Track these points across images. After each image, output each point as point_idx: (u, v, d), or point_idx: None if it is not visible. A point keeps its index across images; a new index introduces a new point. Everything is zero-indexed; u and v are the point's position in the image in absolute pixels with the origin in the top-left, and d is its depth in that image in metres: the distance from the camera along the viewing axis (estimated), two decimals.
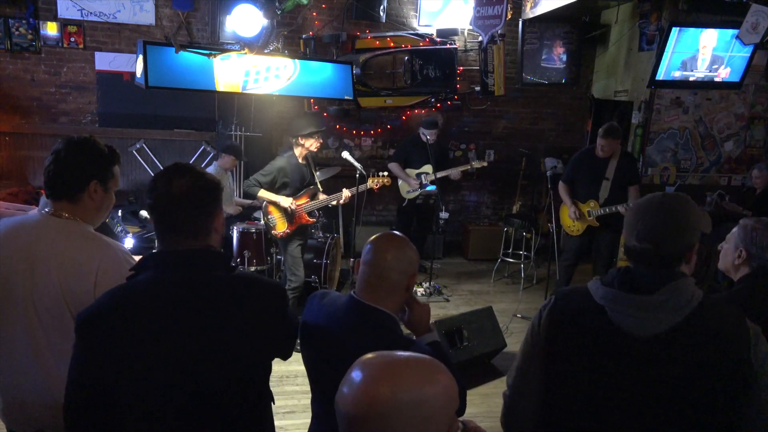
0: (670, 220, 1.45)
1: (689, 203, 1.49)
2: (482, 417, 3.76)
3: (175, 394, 1.43)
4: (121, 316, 1.42)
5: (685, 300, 1.41)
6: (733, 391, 1.40)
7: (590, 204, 5.09)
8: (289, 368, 4.10)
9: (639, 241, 1.46)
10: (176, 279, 1.46)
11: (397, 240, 1.71)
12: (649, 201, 1.51)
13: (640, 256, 1.47)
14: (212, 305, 1.46)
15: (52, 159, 1.78)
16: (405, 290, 1.68)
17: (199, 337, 1.44)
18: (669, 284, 1.42)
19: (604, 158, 4.99)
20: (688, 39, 5.42)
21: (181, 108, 6.38)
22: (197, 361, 1.43)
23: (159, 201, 1.47)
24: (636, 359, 1.42)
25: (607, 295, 1.46)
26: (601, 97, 7.18)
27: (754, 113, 6.63)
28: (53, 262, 1.73)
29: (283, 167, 4.42)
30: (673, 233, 1.44)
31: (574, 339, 1.49)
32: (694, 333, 1.40)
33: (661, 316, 1.41)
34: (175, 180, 1.48)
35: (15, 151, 6.21)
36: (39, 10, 5.98)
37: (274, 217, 4.45)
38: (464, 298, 5.81)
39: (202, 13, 6.30)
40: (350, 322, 1.63)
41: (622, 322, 1.43)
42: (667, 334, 1.40)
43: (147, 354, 1.41)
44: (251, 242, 5.01)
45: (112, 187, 1.88)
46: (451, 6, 6.60)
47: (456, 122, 7.20)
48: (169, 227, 1.50)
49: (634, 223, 1.48)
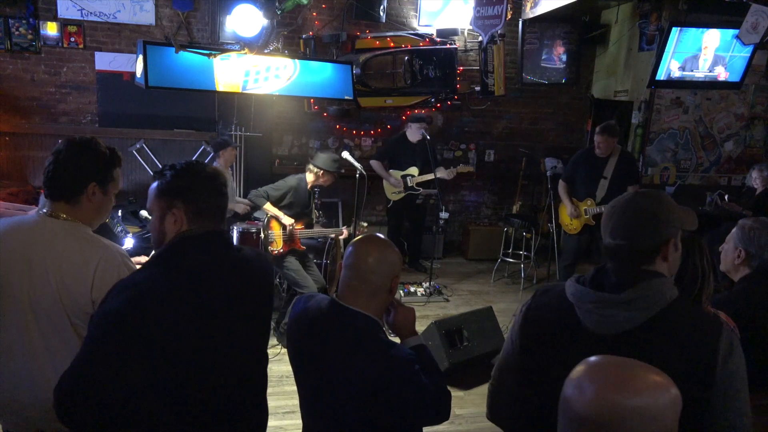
0: (641, 215, 1.46)
1: (661, 199, 1.50)
2: (482, 417, 3.74)
3: (226, 375, 1.59)
4: (174, 303, 1.49)
5: (653, 300, 1.39)
6: (690, 404, 1.35)
7: (587, 202, 5.12)
8: (289, 368, 4.09)
9: (612, 237, 1.48)
10: (221, 257, 1.63)
11: (378, 243, 1.69)
12: (621, 198, 1.52)
13: (614, 253, 1.47)
14: (251, 279, 1.69)
15: (52, 159, 1.78)
16: (388, 293, 1.66)
17: (246, 313, 1.65)
18: (640, 284, 1.40)
19: (603, 157, 5.00)
20: (689, 39, 5.42)
21: (181, 108, 6.38)
22: (248, 338, 1.66)
23: (215, 186, 1.65)
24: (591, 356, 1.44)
25: (577, 292, 1.47)
26: (601, 97, 7.18)
27: (754, 113, 6.64)
28: (51, 263, 1.72)
29: (295, 187, 4.48)
30: (644, 228, 1.45)
31: (543, 334, 1.53)
32: (657, 336, 1.37)
33: (624, 316, 1.39)
34: (208, 169, 1.67)
35: (15, 151, 6.21)
36: (39, 10, 5.98)
37: (273, 233, 4.50)
38: (464, 298, 5.81)
39: (202, 13, 6.30)
40: (331, 325, 1.62)
41: (586, 319, 1.44)
42: (629, 334, 1.39)
43: (195, 339, 1.51)
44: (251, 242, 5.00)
45: (111, 189, 1.87)
46: (451, 6, 6.60)
47: (456, 122, 7.20)
48: (203, 211, 1.62)
49: (609, 221, 1.50)
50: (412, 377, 1.55)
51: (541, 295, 1.60)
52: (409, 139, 6.04)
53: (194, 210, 1.59)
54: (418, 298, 5.59)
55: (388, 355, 1.56)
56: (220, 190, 1.65)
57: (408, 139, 6.05)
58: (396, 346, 1.61)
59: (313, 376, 1.66)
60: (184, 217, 1.58)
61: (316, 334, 1.64)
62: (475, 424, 3.68)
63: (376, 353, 1.56)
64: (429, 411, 1.59)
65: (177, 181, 1.58)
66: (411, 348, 1.69)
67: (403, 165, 6.10)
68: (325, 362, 1.61)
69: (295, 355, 1.73)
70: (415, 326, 1.78)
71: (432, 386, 1.59)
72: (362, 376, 1.54)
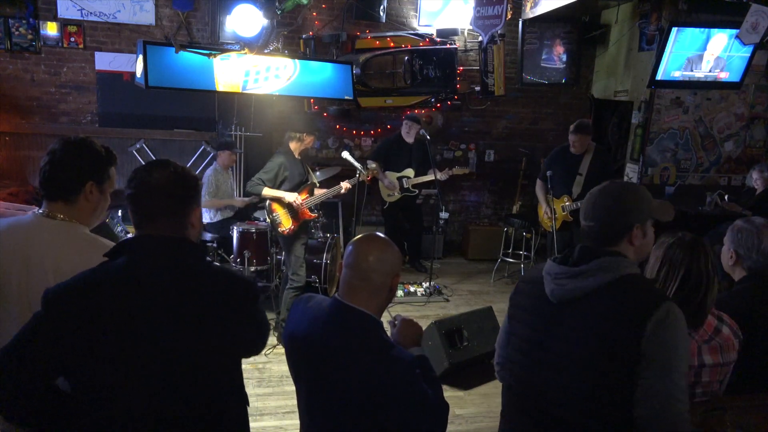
0: (610, 201, 1.64)
1: (631, 188, 1.68)
2: (482, 417, 3.77)
3: (136, 379, 1.44)
4: (94, 297, 1.43)
5: (601, 273, 1.55)
6: (622, 370, 1.46)
7: (564, 199, 5.20)
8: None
9: (585, 219, 1.68)
10: (150, 264, 1.48)
11: (378, 241, 1.69)
12: (598, 186, 1.71)
13: (587, 234, 1.67)
14: (184, 294, 1.48)
15: (48, 159, 1.76)
16: (389, 291, 1.67)
17: (168, 324, 1.45)
18: (596, 260, 1.57)
19: (578, 154, 5.13)
20: (689, 39, 5.41)
21: (181, 108, 6.38)
22: (164, 349, 1.45)
23: (137, 189, 1.52)
24: (550, 322, 1.62)
25: (546, 267, 1.68)
26: (601, 97, 7.18)
27: (754, 113, 6.63)
28: (49, 264, 1.71)
29: (283, 162, 4.45)
30: (612, 212, 1.62)
31: (521, 302, 1.78)
32: (598, 304, 1.53)
33: (574, 284, 1.57)
34: (154, 171, 1.54)
35: (15, 151, 6.21)
36: (39, 10, 5.98)
37: (278, 214, 4.45)
38: (464, 298, 5.81)
39: (202, 13, 6.30)
40: (333, 324, 1.62)
41: (547, 288, 1.64)
42: (577, 301, 1.57)
43: (114, 336, 1.42)
44: (251, 242, 5.00)
45: (107, 188, 1.87)
46: (451, 6, 6.60)
47: (456, 122, 7.20)
48: (145, 215, 1.53)
49: (585, 205, 1.70)
50: (411, 380, 1.54)
51: (530, 270, 1.87)
52: (405, 139, 6.03)
53: (136, 218, 1.59)
54: (418, 298, 5.59)
55: (389, 355, 1.56)
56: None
57: (403, 140, 6.04)
58: (397, 348, 1.60)
59: (312, 376, 1.66)
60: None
61: (316, 334, 1.64)
62: (475, 424, 3.68)
63: (376, 353, 1.56)
64: (427, 417, 1.57)
65: (127, 189, 1.59)
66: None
67: (398, 166, 6.10)
68: (325, 362, 1.60)
69: (295, 355, 1.72)
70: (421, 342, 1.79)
71: (431, 394, 1.58)
72: (362, 376, 1.54)
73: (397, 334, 1.75)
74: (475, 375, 4.17)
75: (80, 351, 1.41)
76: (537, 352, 1.65)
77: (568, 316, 1.58)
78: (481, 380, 4.15)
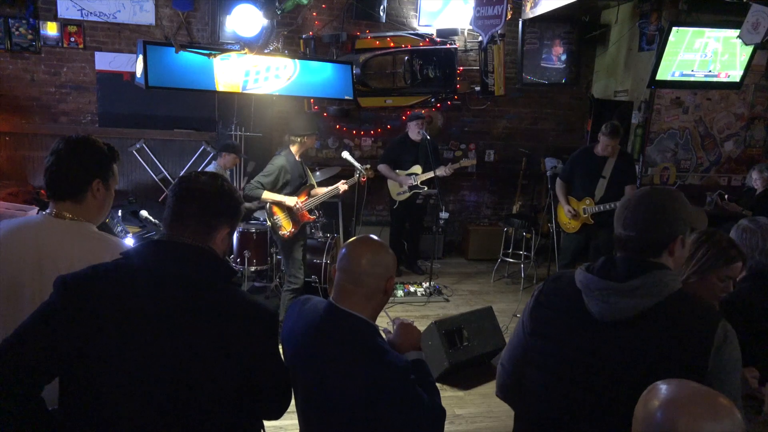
0: (654, 209, 1.52)
1: (676, 197, 1.55)
2: (482, 417, 3.77)
3: (139, 382, 1.40)
4: (112, 287, 1.41)
5: (656, 290, 1.44)
6: None
7: (586, 201, 5.13)
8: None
9: (624, 228, 1.54)
10: (173, 271, 1.45)
11: (371, 244, 1.67)
12: (637, 192, 1.59)
13: (625, 244, 1.54)
14: (198, 310, 1.43)
15: (54, 159, 1.76)
16: (383, 294, 1.65)
17: (178, 337, 1.40)
18: (645, 274, 1.46)
19: (602, 157, 5.03)
20: (689, 39, 5.41)
21: (181, 108, 6.38)
22: (166, 364, 1.39)
23: (182, 185, 1.52)
24: (597, 343, 1.49)
25: (585, 280, 1.53)
26: (601, 97, 7.18)
27: (754, 113, 6.63)
28: (63, 265, 1.69)
29: (284, 165, 4.40)
30: (656, 222, 1.51)
31: (551, 318, 1.61)
32: (656, 324, 1.43)
33: (627, 303, 1.45)
34: (204, 177, 1.55)
35: (15, 151, 6.21)
36: (39, 10, 5.97)
37: (279, 217, 4.43)
38: (464, 298, 5.81)
39: (202, 13, 6.30)
40: (326, 329, 1.61)
41: (592, 305, 1.50)
42: (630, 321, 1.45)
43: (122, 334, 1.38)
44: (251, 242, 5.01)
45: (112, 185, 1.88)
46: (451, 6, 6.60)
47: (456, 122, 7.20)
48: (178, 214, 1.51)
49: (622, 212, 1.56)
50: (405, 385, 1.52)
51: (552, 281, 1.67)
52: (412, 138, 6.04)
53: (169, 217, 1.57)
54: (418, 298, 5.59)
55: (382, 361, 1.54)
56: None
57: (410, 138, 6.05)
58: (391, 353, 1.58)
59: (307, 380, 1.65)
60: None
61: (311, 337, 1.63)
62: (475, 424, 3.68)
63: (370, 358, 1.54)
64: (421, 423, 1.54)
65: (174, 186, 1.58)
66: (410, 360, 1.64)
67: (406, 164, 6.10)
68: (319, 365, 1.59)
69: (291, 359, 1.71)
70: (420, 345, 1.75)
71: (426, 399, 1.56)
72: (355, 382, 1.52)
73: (396, 338, 1.73)
74: (475, 375, 4.17)
75: (91, 340, 1.37)
76: (579, 373, 1.51)
77: (620, 335, 1.46)
78: (481, 380, 4.15)
